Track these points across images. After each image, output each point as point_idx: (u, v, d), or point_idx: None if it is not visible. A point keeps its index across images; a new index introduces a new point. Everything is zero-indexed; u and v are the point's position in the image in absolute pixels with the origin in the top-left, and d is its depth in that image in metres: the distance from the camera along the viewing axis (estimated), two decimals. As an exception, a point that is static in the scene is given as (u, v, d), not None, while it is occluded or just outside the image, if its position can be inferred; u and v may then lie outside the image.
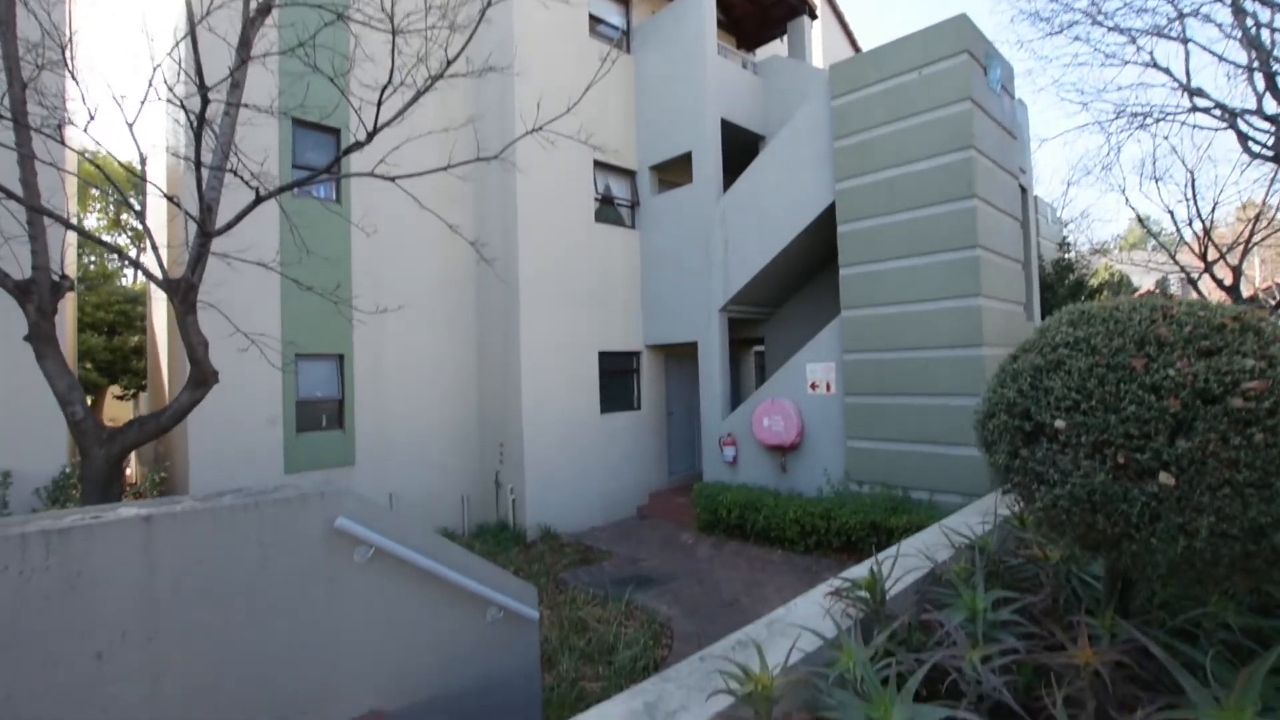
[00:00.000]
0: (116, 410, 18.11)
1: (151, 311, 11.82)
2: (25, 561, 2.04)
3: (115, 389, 17.21)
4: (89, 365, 15.05)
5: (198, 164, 4.36)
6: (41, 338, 4.88)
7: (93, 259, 19.10)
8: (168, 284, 4.99)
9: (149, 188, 9.65)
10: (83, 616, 2.14)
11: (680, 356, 12.00)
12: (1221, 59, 9.32)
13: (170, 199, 4.80)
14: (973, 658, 2.23)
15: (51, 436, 6.72)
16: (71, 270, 8.58)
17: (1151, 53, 10.03)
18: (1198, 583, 2.03)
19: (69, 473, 6.84)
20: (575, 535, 9.65)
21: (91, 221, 17.65)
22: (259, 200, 4.55)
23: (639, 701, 2.17)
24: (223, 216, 4.82)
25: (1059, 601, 2.93)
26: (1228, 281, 12.99)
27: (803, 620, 2.77)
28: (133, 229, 19.23)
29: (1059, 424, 2.08)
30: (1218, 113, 9.55)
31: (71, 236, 7.95)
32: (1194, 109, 9.77)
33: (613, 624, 5.81)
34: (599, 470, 10.50)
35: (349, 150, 4.47)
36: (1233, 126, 9.43)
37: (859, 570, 3.12)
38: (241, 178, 4.57)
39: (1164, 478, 1.86)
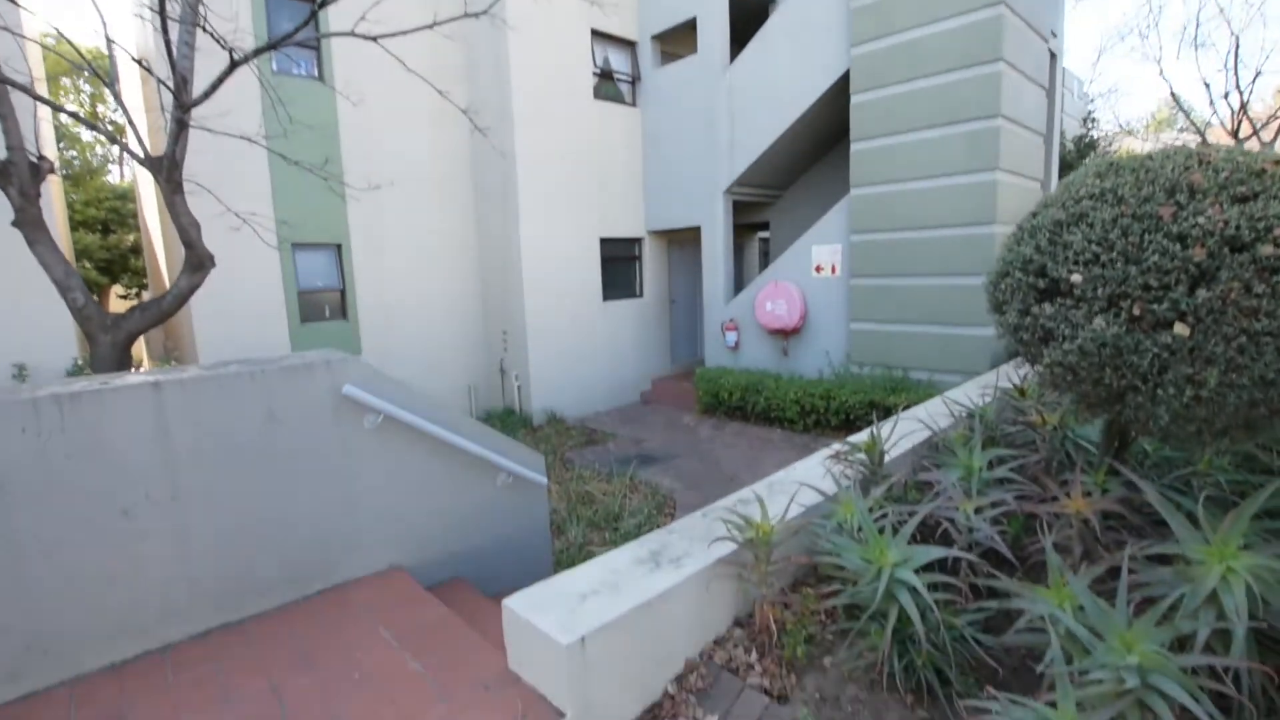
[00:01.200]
0: (120, 311, 18.15)
1: (142, 208, 11.51)
2: (40, 424, 2.08)
3: (118, 289, 17.15)
4: (87, 264, 14.89)
5: (164, 23, 4.03)
6: (29, 222, 4.75)
7: (75, 154, 18.39)
8: (150, 162, 4.78)
9: (121, 69, 9.08)
10: (106, 477, 2.21)
11: (683, 243, 11.75)
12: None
13: (139, 62, 4.50)
14: (967, 508, 2.31)
15: (61, 329, 6.77)
16: (50, 155, 8.24)
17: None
18: (1196, 436, 2.05)
19: (81, 365, 6.95)
20: (580, 419, 9.92)
21: (67, 116, 16.73)
22: (234, 65, 4.24)
23: (644, 550, 2.28)
24: (199, 90, 4.54)
25: (1053, 463, 3.01)
26: (1257, 158, 12.39)
27: (803, 479, 2.87)
28: (112, 123, 18.35)
29: (1075, 278, 2.02)
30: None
31: (45, 113, 7.56)
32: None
33: (618, 496, 6.09)
34: (602, 357, 10.60)
35: (326, 1, 4.11)
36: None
37: (860, 436, 3.19)
38: (215, 37, 4.24)
39: (1179, 328, 1.83)
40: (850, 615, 2.25)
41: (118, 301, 17.93)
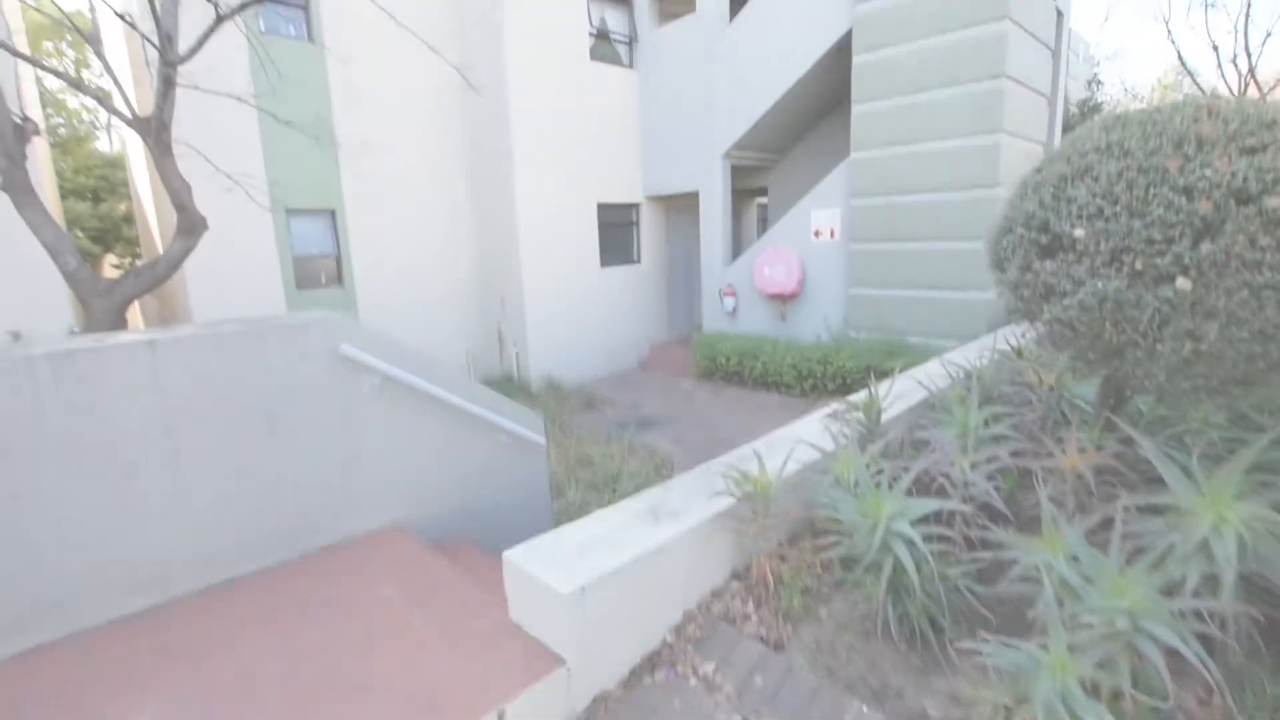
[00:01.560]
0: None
1: (133, 175, 11.30)
2: (35, 382, 2.07)
3: (111, 258, 16.95)
4: (79, 233, 14.68)
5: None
6: (16, 186, 4.66)
7: (61, 120, 17.99)
8: (138, 123, 4.68)
9: (104, 29, 8.81)
10: (105, 433, 2.22)
11: (681, 208, 11.62)
12: None
13: (122, 17, 4.37)
14: (962, 463, 2.33)
15: (56, 297, 6.72)
16: (35, 117, 8.06)
17: None
18: (1192, 392, 2.05)
19: (77, 333, 6.91)
20: (578, 385, 9.93)
21: (51, 82, 16.29)
22: (220, 19, 4.13)
23: (644, 504, 2.30)
24: (185, 47, 4.42)
25: (1049, 421, 3.03)
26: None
27: (801, 436, 2.89)
28: (98, 88, 17.92)
29: (1078, 232, 2.00)
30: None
31: (29, 74, 7.38)
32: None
33: (616, 459, 6.14)
34: (600, 323, 10.58)
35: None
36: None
37: (858, 395, 3.20)
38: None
39: (1180, 282, 1.82)
40: (846, 567, 2.29)
41: (111, 271, 17.75)
